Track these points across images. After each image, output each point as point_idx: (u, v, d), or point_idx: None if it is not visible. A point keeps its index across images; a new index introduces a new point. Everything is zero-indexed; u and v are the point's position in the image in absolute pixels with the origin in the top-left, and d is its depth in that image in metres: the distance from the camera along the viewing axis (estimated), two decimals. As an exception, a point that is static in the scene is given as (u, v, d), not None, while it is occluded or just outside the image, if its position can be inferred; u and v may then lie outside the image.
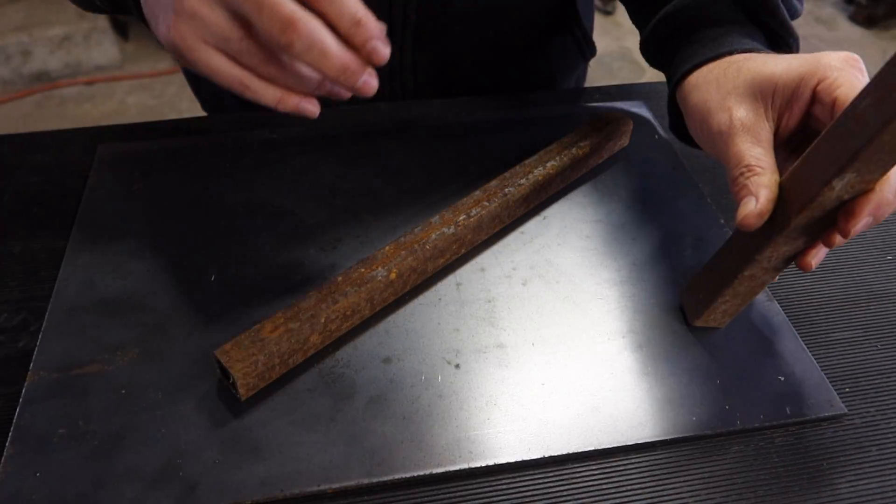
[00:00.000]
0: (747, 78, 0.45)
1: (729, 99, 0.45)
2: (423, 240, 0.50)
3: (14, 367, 0.46)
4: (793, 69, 0.44)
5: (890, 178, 0.38)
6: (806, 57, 0.44)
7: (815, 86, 0.43)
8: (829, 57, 0.43)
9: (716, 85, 0.47)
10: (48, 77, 2.29)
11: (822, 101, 0.42)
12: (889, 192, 0.38)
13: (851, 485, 0.42)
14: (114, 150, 0.62)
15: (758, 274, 0.44)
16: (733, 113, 0.44)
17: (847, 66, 0.42)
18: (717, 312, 0.47)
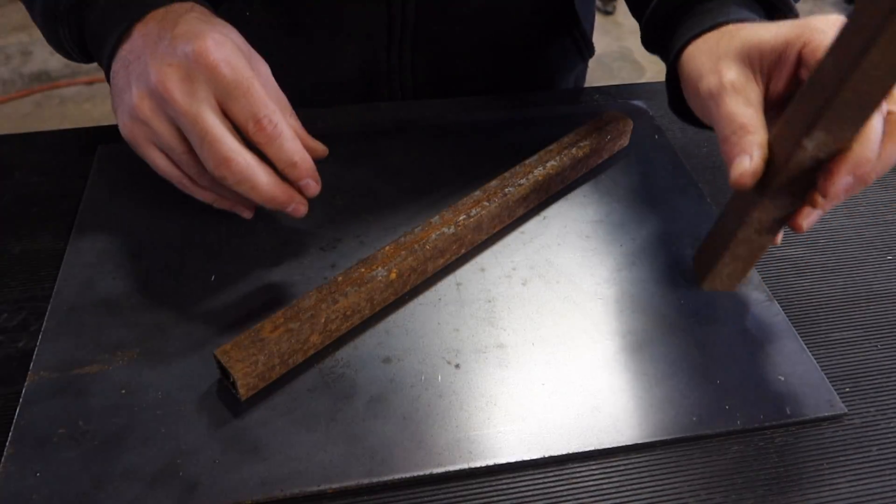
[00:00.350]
0: (737, 44, 0.45)
1: (720, 63, 0.46)
2: (423, 240, 0.50)
3: (14, 367, 0.46)
4: (780, 34, 0.44)
5: (867, 136, 0.37)
6: (795, 21, 0.45)
7: (800, 48, 0.43)
8: (816, 20, 0.43)
9: (708, 53, 0.47)
10: (48, 77, 2.29)
11: (807, 63, 0.43)
12: (866, 150, 0.38)
13: (851, 485, 0.42)
14: (114, 150, 0.62)
15: (752, 237, 0.44)
16: (723, 75, 0.45)
17: (833, 29, 0.42)
18: (721, 276, 0.47)
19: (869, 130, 0.37)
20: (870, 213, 0.60)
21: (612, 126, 0.60)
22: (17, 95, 2.23)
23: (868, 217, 0.59)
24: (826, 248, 0.56)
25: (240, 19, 0.65)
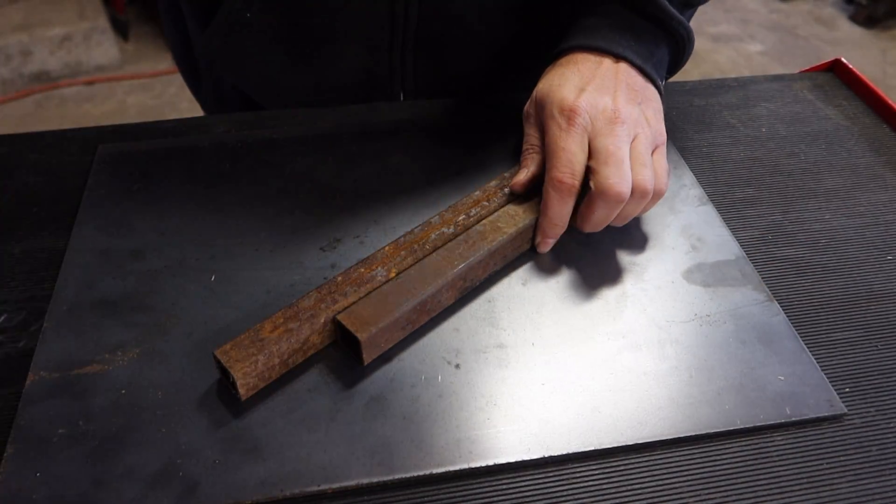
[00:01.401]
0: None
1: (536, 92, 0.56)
2: (423, 240, 0.50)
3: (14, 367, 0.46)
4: (539, 90, 0.55)
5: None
6: (546, 84, 0.55)
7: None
8: (555, 97, 0.53)
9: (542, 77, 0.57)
10: (48, 77, 2.29)
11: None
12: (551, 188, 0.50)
13: (851, 485, 0.42)
14: (114, 150, 0.62)
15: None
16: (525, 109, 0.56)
17: (555, 118, 0.52)
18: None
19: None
20: (870, 213, 0.60)
21: None
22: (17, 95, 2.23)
23: (868, 217, 0.59)
24: (826, 248, 0.56)
25: (240, 22, 0.65)
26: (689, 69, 2.38)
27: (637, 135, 0.51)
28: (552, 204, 0.51)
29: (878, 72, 2.41)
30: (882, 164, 0.65)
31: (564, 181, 0.50)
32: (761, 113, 0.70)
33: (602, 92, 0.52)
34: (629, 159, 0.50)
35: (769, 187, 0.62)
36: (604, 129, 0.50)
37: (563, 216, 0.51)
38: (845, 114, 0.71)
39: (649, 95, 0.55)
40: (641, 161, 0.50)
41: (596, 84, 0.52)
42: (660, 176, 0.52)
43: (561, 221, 0.51)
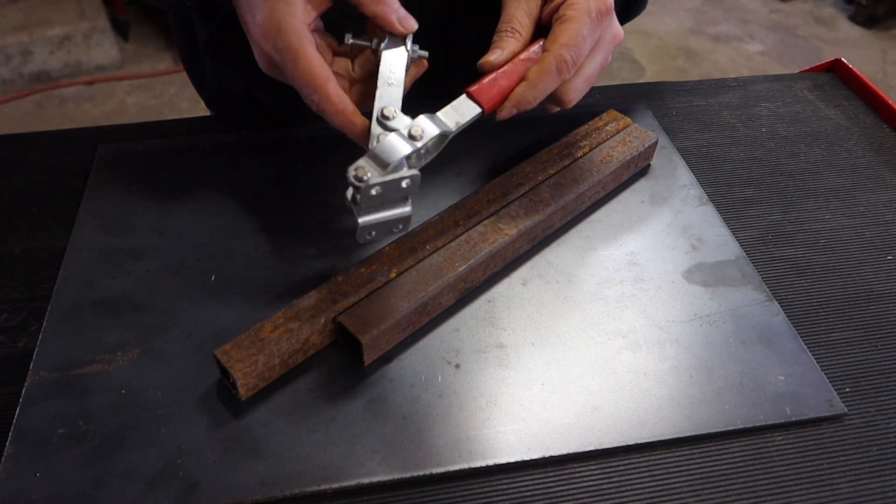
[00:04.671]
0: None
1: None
2: (423, 240, 0.50)
3: (14, 367, 0.46)
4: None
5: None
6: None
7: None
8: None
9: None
10: (48, 77, 2.29)
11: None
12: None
13: (851, 485, 0.42)
14: (114, 150, 0.62)
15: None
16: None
17: (590, 7, 0.49)
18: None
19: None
20: (870, 213, 0.60)
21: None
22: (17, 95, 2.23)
23: (868, 217, 0.59)
24: (826, 248, 0.56)
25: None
26: (688, 69, 2.38)
27: (604, 47, 0.53)
28: (547, 79, 0.49)
29: (878, 72, 2.41)
30: (882, 164, 0.65)
31: (570, 68, 0.49)
32: (761, 113, 0.70)
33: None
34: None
35: (769, 187, 0.62)
36: (607, 46, 0.52)
37: (546, 94, 0.50)
38: (845, 114, 0.71)
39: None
40: (586, 75, 0.52)
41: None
42: (581, 90, 0.52)
43: (541, 98, 0.50)
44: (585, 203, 0.57)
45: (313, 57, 0.46)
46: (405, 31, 0.48)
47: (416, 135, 0.46)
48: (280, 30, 0.45)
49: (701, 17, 2.69)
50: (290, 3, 0.46)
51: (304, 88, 0.46)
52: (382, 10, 0.46)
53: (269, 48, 0.47)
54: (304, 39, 0.46)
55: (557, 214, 0.54)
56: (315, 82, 0.46)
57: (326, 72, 0.46)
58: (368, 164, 0.43)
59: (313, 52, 0.46)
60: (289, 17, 0.45)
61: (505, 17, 0.52)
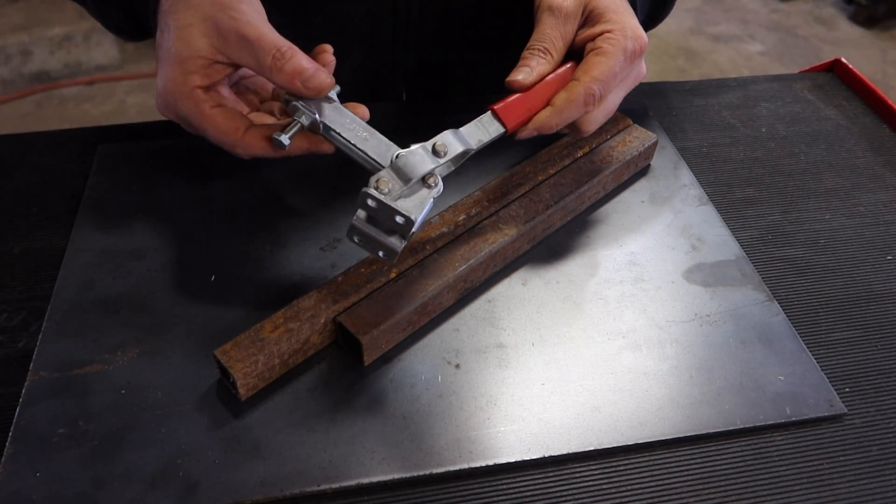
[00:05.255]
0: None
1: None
2: (423, 240, 0.50)
3: (14, 367, 0.46)
4: (599, 1, 0.51)
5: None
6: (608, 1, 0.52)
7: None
8: (628, 23, 0.50)
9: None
10: (48, 77, 2.29)
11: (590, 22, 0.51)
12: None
13: (851, 485, 0.42)
14: (114, 150, 0.62)
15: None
16: (562, 3, 0.51)
17: (627, 45, 0.50)
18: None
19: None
20: (870, 213, 0.60)
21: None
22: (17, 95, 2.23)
23: (868, 217, 0.59)
24: (826, 248, 0.56)
25: None
26: (688, 69, 2.38)
27: (628, 83, 0.53)
28: (573, 109, 0.49)
29: (878, 72, 2.41)
30: (882, 164, 0.65)
31: (596, 102, 0.49)
32: (761, 113, 0.70)
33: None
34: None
35: (769, 187, 0.62)
36: (630, 83, 0.53)
37: (568, 122, 0.50)
38: (845, 114, 0.71)
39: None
40: (608, 109, 0.52)
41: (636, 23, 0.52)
42: (601, 121, 0.52)
43: (562, 125, 0.50)
44: (585, 203, 0.57)
45: (216, 115, 0.46)
46: (312, 94, 0.45)
47: (441, 151, 0.46)
48: (176, 100, 0.46)
49: (701, 17, 2.69)
50: (185, 71, 0.45)
51: (223, 146, 0.47)
52: (283, 79, 0.45)
53: (173, 116, 0.48)
54: (200, 102, 0.46)
55: (557, 214, 0.54)
56: (228, 138, 0.46)
57: (235, 121, 0.46)
58: (391, 176, 0.44)
59: (212, 110, 0.46)
60: (182, 86, 0.45)
61: (538, 35, 0.51)
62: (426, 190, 0.45)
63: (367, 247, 0.45)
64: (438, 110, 0.68)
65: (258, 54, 0.44)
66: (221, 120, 0.46)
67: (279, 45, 0.45)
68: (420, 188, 0.44)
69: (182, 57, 0.45)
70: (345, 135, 0.46)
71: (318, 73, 0.45)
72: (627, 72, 0.51)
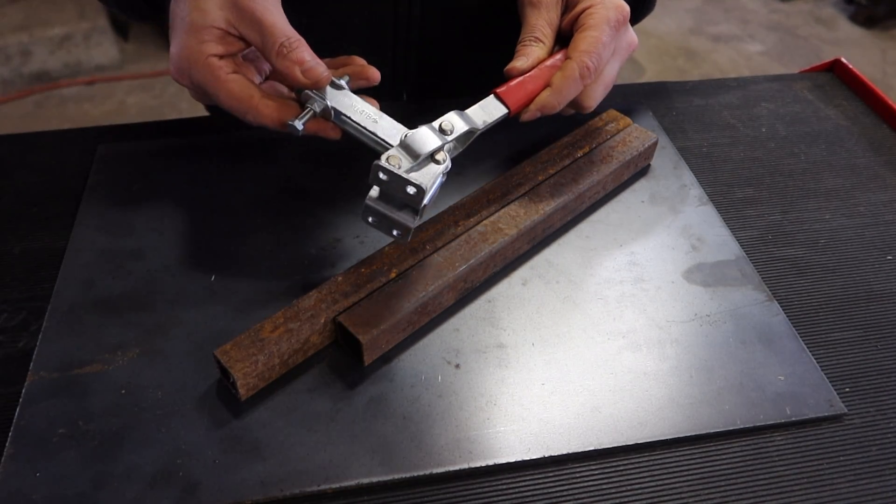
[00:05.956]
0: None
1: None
2: (424, 240, 0.50)
3: (14, 367, 0.46)
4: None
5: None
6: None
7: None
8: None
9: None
10: (48, 77, 2.29)
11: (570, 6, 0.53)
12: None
13: (851, 484, 0.42)
14: (114, 150, 0.62)
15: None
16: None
17: (610, 16, 0.51)
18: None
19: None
20: (870, 213, 0.60)
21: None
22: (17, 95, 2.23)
23: (868, 217, 0.59)
24: (826, 248, 0.56)
25: None
26: (688, 69, 2.38)
27: (620, 53, 0.55)
28: (571, 85, 0.51)
29: (878, 72, 2.41)
30: (882, 164, 0.65)
31: (592, 74, 0.51)
32: (761, 113, 0.70)
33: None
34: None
35: (769, 187, 0.62)
36: (623, 53, 0.54)
37: (568, 99, 0.52)
38: (845, 114, 0.71)
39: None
40: (605, 81, 0.54)
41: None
42: (600, 95, 0.54)
43: (563, 103, 0.52)
44: (585, 203, 0.57)
45: (230, 80, 0.47)
46: (308, 83, 0.48)
47: (447, 129, 0.48)
48: (190, 66, 0.47)
49: (701, 17, 2.69)
50: (200, 39, 0.47)
51: (234, 111, 0.48)
52: (284, 65, 0.47)
53: (186, 82, 0.49)
54: (215, 69, 0.47)
55: (557, 214, 0.54)
56: (241, 105, 0.48)
57: (249, 89, 0.48)
58: (401, 153, 0.46)
59: (228, 76, 0.47)
60: (197, 53, 0.47)
61: (527, 28, 0.54)
62: (435, 165, 0.46)
63: (381, 227, 0.47)
64: (439, 111, 0.68)
65: (268, 39, 0.46)
66: (236, 86, 0.47)
67: (289, 34, 0.47)
68: (429, 163, 0.46)
69: (198, 26, 0.46)
70: (355, 118, 0.49)
71: (317, 66, 0.47)
72: (617, 41, 0.53)
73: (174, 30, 0.49)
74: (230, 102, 0.48)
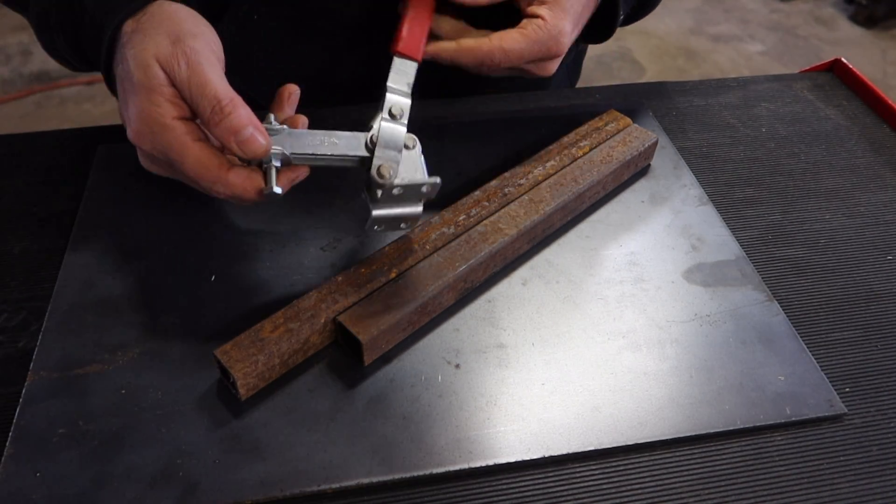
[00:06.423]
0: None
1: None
2: (424, 240, 0.50)
3: (14, 367, 0.46)
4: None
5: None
6: None
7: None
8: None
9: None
10: (48, 77, 2.29)
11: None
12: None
13: (851, 485, 0.42)
14: (114, 150, 0.62)
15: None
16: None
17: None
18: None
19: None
20: (870, 213, 0.60)
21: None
22: (17, 95, 2.23)
23: (868, 217, 0.59)
24: (826, 248, 0.56)
25: (247, 24, 0.65)
26: (688, 69, 2.38)
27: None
28: (470, 57, 0.53)
29: (878, 72, 2.41)
30: (882, 164, 0.65)
31: (491, 69, 0.54)
32: (761, 113, 0.70)
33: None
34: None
35: (769, 187, 0.62)
36: (532, 68, 0.56)
37: (460, 64, 0.54)
38: (845, 114, 0.71)
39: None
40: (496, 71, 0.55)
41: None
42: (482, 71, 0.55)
43: (455, 62, 0.54)
44: (585, 203, 0.57)
45: (197, 147, 0.43)
46: (245, 157, 0.43)
47: (397, 113, 0.47)
48: (152, 129, 0.43)
49: (701, 17, 2.69)
50: (154, 102, 0.42)
51: (202, 181, 0.44)
52: (218, 134, 0.42)
53: (149, 147, 0.44)
54: (180, 133, 0.43)
55: (557, 214, 0.54)
56: (209, 174, 0.43)
57: (217, 157, 0.43)
58: (383, 159, 0.45)
59: (194, 142, 0.43)
60: (157, 115, 0.42)
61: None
62: (410, 152, 0.46)
63: (388, 228, 0.47)
64: (438, 111, 0.68)
65: (198, 101, 0.42)
66: (204, 153, 0.43)
67: (220, 96, 0.42)
68: (405, 154, 0.46)
69: (149, 87, 0.43)
70: (317, 152, 0.45)
71: (255, 138, 0.42)
72: (533, 60, 0.54)
73: (125, 93, 0.44)
74: (197, 170, 0.43)
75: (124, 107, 0.45)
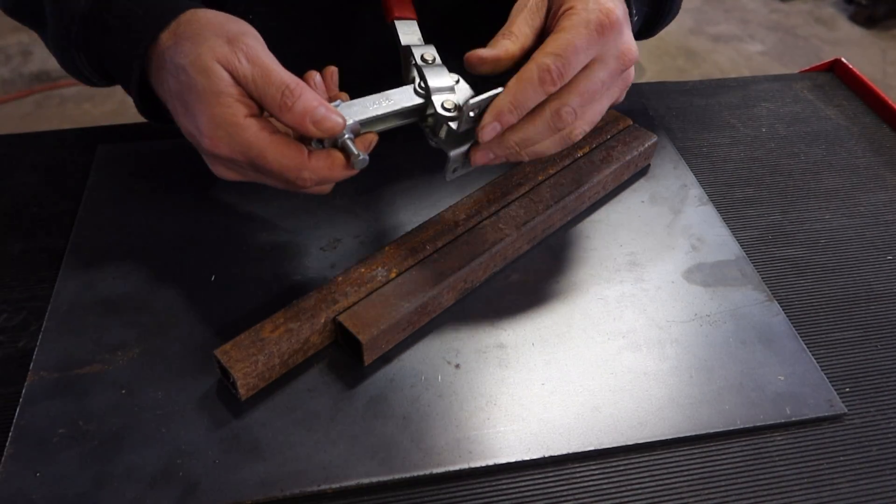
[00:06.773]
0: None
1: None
2: (423, 240, 0.50)
3: (14, 367, 0.46)
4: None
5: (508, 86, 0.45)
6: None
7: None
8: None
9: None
10: (48, 77, 2.29)
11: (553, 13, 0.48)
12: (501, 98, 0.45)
13: (851, 484, 0.42)
14: (114, 150, 0.62)
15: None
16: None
17: (591, 18, 0.45)
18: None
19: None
20: (870, 213, 0.60)
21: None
22: (17, 95, 2.23)
23: (868, 217, 0.59)
24: (826, 248, 0.56)
25: None
26: (688, 69, 2.38)
27: (607, 62, 0.48)
28: (525, 88, 0.44)
29: (878, 72, 2.41)
30: (882, 164, 0.65)
31: (555, 79, 0.44)
32: (761, 113, 0.70)
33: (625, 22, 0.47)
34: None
35: (769, 187, 0.62)
36: (611, 63, 0.47)
37: (527, 106, 0.45)
38: (845, 114, 0.71)
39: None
40: (584, 91, 0.46)
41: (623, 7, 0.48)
42: (584, 114, 0.47)
43: (522, 110, 0.45)
44: (585, 203, 0.57)
45: (278, 141, 0.43)
46: (323, 135, 0.43)
47: (429, 58, 0.49)
48: (230, 132, 0.43)
49: (701, 17, 2.69)
50: (225, 105, 0.42)
51: (287, 172, 0.43)
52: (290, 119, 0.42)
53: (227, 152, 0.43)
54: (258, 130, 0.42)
55: (557, 214, 0.54)
56: (294, 162, 0.43)
57: (298, 146, 0.43)
58: (443, 94, 0.46)
59: (272, 135, 0.43)
60: (231, 117, 0.42)
61: (504, 27, 0.49)
62: (458, 85, 0.48)
63: (462, 169, 0.47)
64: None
65: (265, 91, 0.42)
66: (284, 144, 0.43)
67: (287, 81, 0.42)
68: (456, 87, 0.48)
69: (216, 90, 0.42)
70: (379, 113, 0.46)
71: (329, 115, 0.43)
72: (599, 48, 0.46)
73: (186, 103, 0.44)
74: (280, 162, 0.43)
75: (189, 119, 0.44)
